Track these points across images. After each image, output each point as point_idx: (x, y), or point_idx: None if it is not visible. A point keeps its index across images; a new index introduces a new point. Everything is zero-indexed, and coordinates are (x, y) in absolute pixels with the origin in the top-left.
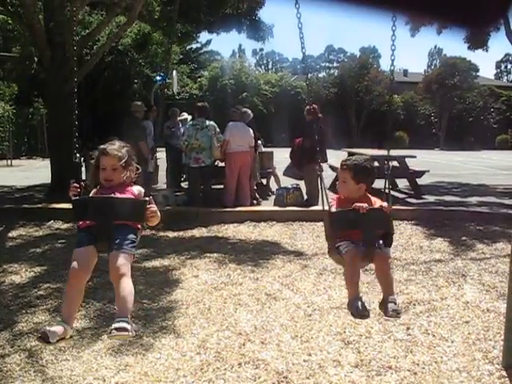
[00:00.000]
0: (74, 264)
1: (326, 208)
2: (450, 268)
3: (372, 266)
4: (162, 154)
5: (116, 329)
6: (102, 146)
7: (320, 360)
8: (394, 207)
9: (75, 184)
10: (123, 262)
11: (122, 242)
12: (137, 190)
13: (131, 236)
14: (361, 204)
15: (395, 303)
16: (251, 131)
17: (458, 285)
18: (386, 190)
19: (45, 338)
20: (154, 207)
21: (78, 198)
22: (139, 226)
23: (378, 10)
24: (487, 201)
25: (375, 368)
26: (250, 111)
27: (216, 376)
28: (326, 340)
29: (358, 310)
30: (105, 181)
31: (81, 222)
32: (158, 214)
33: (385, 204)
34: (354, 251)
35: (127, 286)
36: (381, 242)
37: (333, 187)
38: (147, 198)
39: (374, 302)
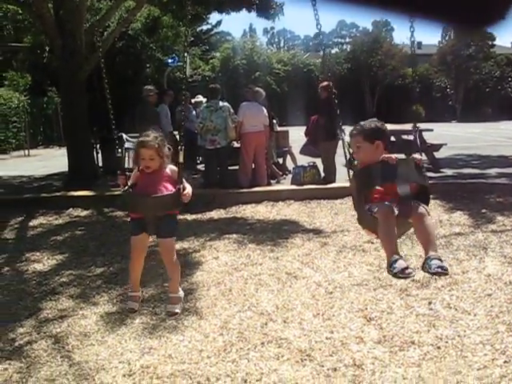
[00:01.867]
0: (133, 249)
1: (351, 171)
2: (470, 241)
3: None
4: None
5: (169, 311)
6: (139, 139)
7: (342, 337)
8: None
9: (122, 175)
10: (171, 247)
11: (168, 231)
12: (170, 170)
13: (173, 222)
14: (389, 155)
15: (441, 260)
16: (265, 110)
17: (479, 258)
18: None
19: (132, 311)
20: (186, 190)
21: (126, 190)
22: (177, 211)
23: (379, 9)
24: (507, 172)
25: (398, 344)
26: (262, 90)
27: (239, 356)
28: (347, 317)
29: (400, 270)
30: (145, 168)
31: (133, 214)
32: (190, 193)
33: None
34: (388, 207)
35: (176, 266)
36: (416, 200)
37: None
38: (181, 187)
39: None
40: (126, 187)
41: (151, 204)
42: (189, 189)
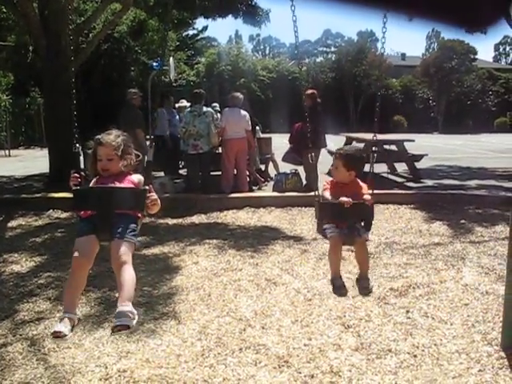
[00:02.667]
0: (76, 253)
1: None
2: (448, 251)
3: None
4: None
5: (117, 326)
6: (97, 136)
7: (320, 344)
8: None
9: (75, 174)
10: (125, 251)
11: (123, 231)
12: (136, 178)
13: (132, 225)
14: (345, 199)
15: (368, 282)
16: (247, 116)
17: (457, 268)
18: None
19: (59, 336)
20: (154, 195)
21: (78, 187)
22: (139, 215)
23: (376, 8)
24: (486, 184)
25: (375, 351)
26: (240, 94)
27: (217, 361)
28: (326, 324)
29: (338, 288)
30: (102, 170)
31: (82, 212)
32: (159, 202)
33: (369, 192)
34: (338, 237)
35: (129, 274)
36: (361, 228)
37: (330, 172)
38: (147, 187)
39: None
40: (78, 187)
41: (107, 196)
42: (157, 197)
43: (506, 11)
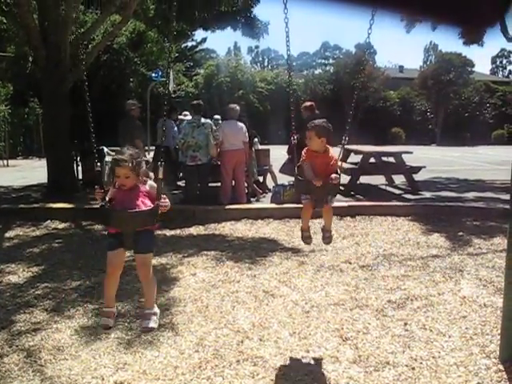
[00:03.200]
0: (109, 264)
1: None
2: (447, 263)
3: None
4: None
5: (145, 327)
6: (114, 157)
7: (318, 356)
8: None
9: (99, 190)
10: (148, 263)
11: (146, 246)
12: (149, 186)
13: (150, 238)
14: (316, 181)
15: (330, 234)
16: (244, 127)
17: (455, 280)
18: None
19: (107, 327)
20: (167, 203)
21: (103, 205)
22: (155, 226)
23: (375, 9)
24: (484, 196)
25: (373, 364)
26: (236, 106)
27: (214, 374)
28: (323, 336)
29: (305, 237)
30: (121, 185)
31: (109, 228)
32: (169, 204)
33: (338, 164)
34: (309, 203)
35: (153, 283)
36: (329, 197)
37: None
38: (159, 202)
39: (371, 297)
40: (103, 202)
41: (128, 219)
42: (168, 202)
43: (502, 15)
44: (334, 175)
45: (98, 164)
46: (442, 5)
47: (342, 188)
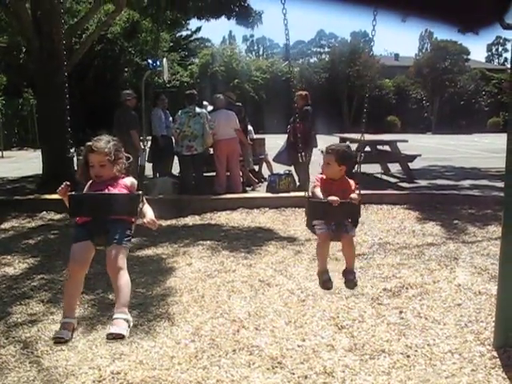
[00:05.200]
0: (73, 259)
1: (309, 193)
2: (442, 251)
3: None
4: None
5: (111, 333)
6: (88, 143)
7: (314, 345)
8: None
9: (67, 183)
10: (120, 257)
11: (118, 237)
12: (129, 181)
13: (127, 231)
14: (334, 198)
15: (354, 276)
16: (233, 115)
17: (450, 268)
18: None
19: (61, 342)
20: (149, 216)
21: (73, 193)
22: (133, 220)
23: (373, 7)
24: (479, 184)
25: (368, 352)
26: (221, 96)
27: (211, 363)
28: (319, 325)
29: (324, 281)
30: (95, 177)
31: (77, 218)
32: (154, 218)
33: (356, 192)
34: (326, 234)
35: (125, 280)
36: (348, 225)
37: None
38: (140, 192)
39: (367, 285)
40: (71, 193)
41: (102, 203)
42: (150, 210)
43: (501, 16)
44: (353, 195)
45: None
46: (440, 5)
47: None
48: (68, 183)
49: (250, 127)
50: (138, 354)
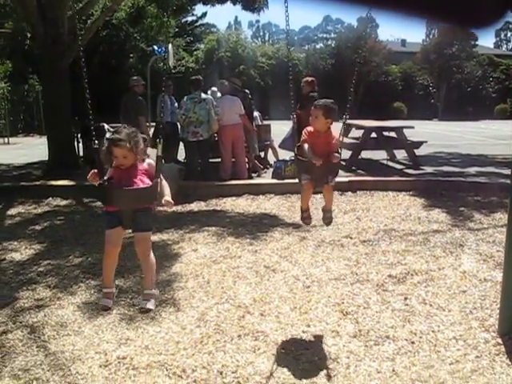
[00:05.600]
0: (108, 242)
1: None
2: (447, 238)
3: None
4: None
5: (142, 308)
6: (111, 137)
7: (319, 331)
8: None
9: (95, 171)
10: (147, 242)
11: (145, 225)
12: (147, 164)
13: (149, 217)
14: (316, 160)
15: (330, 214)
16: (238, 100)
17: (456, 255)
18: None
19: (106, 308)
20: (165, 197)
21: (101, 183)
22: (155, 203)
23: (374, 8)
24: (486, 171)
25: (373, 338)
26: (225, 81)
27: (216, 348)
28: (324, 311)
29: (304, 217)
30: (119, 166)
31: (108, 207)
32: (170, 197)
33: (339, 141)
34: (309, 183)
35: (151, 261)
36: (329, 176)
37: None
38: (158, 180)
39: (372, 272)
40: (101, 180)
41: (126, 197)
42: (167, 189)
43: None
44: (334, 154)
45: (96, 142)
46: (443, 5)
47: (343, 163)
48: (95, 171)
49: (256, 113)
50: (143, 339)
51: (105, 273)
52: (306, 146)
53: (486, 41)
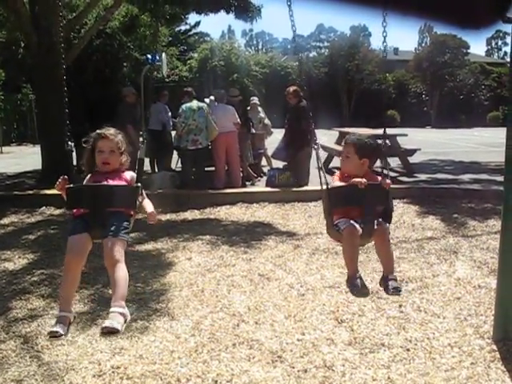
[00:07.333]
0: (70, 252)
1: (325, 186)
2: (441, 245)
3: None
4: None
5: (106, 327)
6: (98, 131)
7: (313, 339)
8: None
9: (65, 176)
10: (118, 249)
11: (116, 229)
12: (129, 175)
13: (124, 223)
14: (359, 179)
15: (396, 280)
16: (232, 109)
17: (450, 262)
18: (385, 170)
19: (56, 336)
20: (151, 209)
21: (71, 186)
22: (132, 213)
23: (373, 8)
24: (479, 178)
25: (368, 345)
26: (222, 90)
27: (211, 357)
28: (319, 319)
29: (357, 288)
30: (102, 164)
31: (75, 210)
32: (156, 217)
33: (387, 181)
34: (353, 228)
35: (122, 273)
36: (380, 219)
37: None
38: (139, 185)
39: (367, 279)
40: (71, 185)
41: (99, 195)
42: (149, 204)
43: (502, 12)
44: (383, 181)
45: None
46: (441, 6)
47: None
48: (65, 177)
49: (267, 121)
50: (137, 348)
51: (62, 291)
52: (337, 182)
53: (477, 47)
